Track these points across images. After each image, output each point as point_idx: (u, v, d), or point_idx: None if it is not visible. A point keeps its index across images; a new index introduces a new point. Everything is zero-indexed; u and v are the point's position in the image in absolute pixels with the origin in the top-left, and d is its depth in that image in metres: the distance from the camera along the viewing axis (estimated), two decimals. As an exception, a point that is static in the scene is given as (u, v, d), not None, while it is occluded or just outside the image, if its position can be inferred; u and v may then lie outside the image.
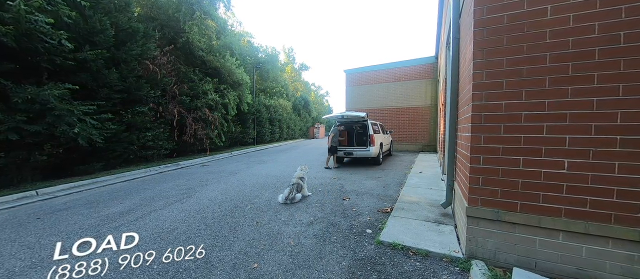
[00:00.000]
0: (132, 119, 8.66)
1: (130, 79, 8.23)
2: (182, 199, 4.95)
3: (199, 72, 13.29)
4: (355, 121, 9.16)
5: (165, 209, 4.31)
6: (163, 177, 7.55)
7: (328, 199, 4.71)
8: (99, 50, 6.93)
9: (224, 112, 13.89)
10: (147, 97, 9.20)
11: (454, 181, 3.57)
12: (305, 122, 36.72)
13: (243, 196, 5.03)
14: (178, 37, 11.80)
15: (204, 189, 5.69)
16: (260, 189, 5.65)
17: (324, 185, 5.93)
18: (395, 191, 5.31)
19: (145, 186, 6.26)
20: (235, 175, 7.45)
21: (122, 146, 8.53)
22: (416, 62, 14.77)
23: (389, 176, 7.08)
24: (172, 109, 9.86)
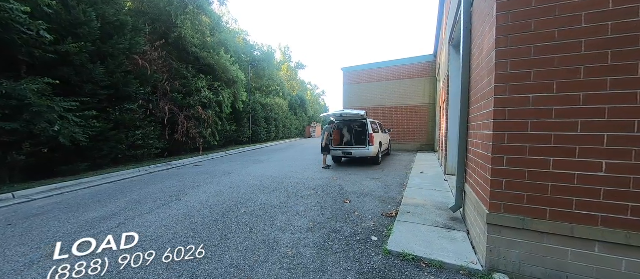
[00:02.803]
0: (120, 117, 8.24)
1: (118, 74, 7.80)
2: (170, 202, 4.61)
3: (193, 69, 12.85)
4: (354, 120, 8.89)
5: (152, 214, 3.96)
6: (153, 178, 7.17)
7: (328, 202, 4.42)
8: (83, 42, 6.50)
9: (218, 111, 13.48)
10: (136, 94, 8.77)
11: (464, 183, 3.31)
12: (302, 121, 36.39)
13: (236, 199, 4.70)
14: (170, 32, 11.36)
15: (195, 192, 5.34)
16: (255, 191, 5.33)
17: (322, 187, 5.63)
18: (397, 192, 5.04)
19: (133, 188, 5.88)
20: (229, 176, 7.10)
21: (109, 145, 8.10)
22: (415, 61, 14.57)
23: (390, 176, 6.82)
24: (163, 107, 9.44)
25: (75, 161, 7.22)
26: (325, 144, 8.12)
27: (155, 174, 7.74)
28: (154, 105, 9.40)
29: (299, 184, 5.94)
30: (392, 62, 15.16)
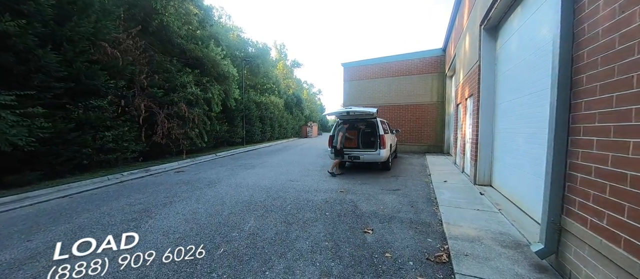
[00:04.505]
0: (85, 115, 6.89)
1: (79, 63, 6.44)
2: (127, 228, 3.35)
3: (178, 63, 11.50)
4: (362, 119, 7.70)
5: (88, 258, 2.69)
6: (121, 189, 5.87)
7: (342, 231, 3.22)
8: (27, 21, 5.16)
9: (207, 109, 12.16)
10: (106, 88, 7.43)
11: (561, 215, 2.15)
12: (298, 121, 35.17)
13: (216, 226, 3.47)
14: (150, 19, 10.00)
15: (163, 212, 4.08)
16: (243, 211, 4.10)
17: (330, 203, 4.43)
18: (430, 213, 3.87)
19: (88, 205, 4.59)
20: (213, 186, 5.85)
21: (71, 149, 6.75)
22: (421, 55, 13.48)
23: (408, 186, 5.66)
24: (138, 104, 8.10)
25: (23, 169, 5.86)
26: (339, 147, 6.87)
27: (126, 184, 6.44)
28: (127, 101, 8.05)
29: (300, 199, 4.73)
30: (397, 57, 14.04)
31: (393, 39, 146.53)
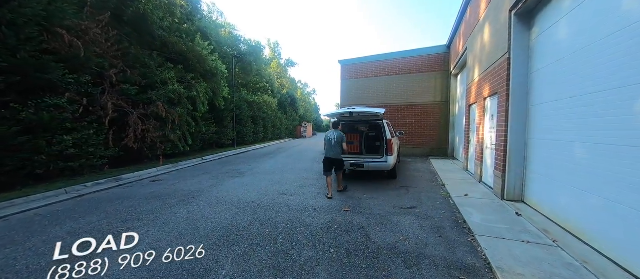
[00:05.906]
0: (36, 116, 5.74)
1: (24, 53, 5.30)
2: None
3: (158, 57, 10.34)
4: (365, 121, 6.75)
5: None
6: (74, 207, 4.76)
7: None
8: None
9: (191, 109, 11.03)
10: (64, 83, 6.28)
11: None
12: (292, 121, 34.13)
13: (180, 273, 2.46)
14: (125, 6, 8.83)
15: (110, 249, 3.03)
16: (220, 244, 3.09)
17: (333, 231, 3.47)
18: (467, 247, 2.95)
19: (17, 235, 3.51)
20: (189, 203, 4.81)
21: (19, 156, 5.60)
22: (423, 52, 12.66)
23: (424, 202, 4.75)
24: (105, 103, 6.94)
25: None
26: (338, 157, 5.23)
27: (85, 199, 5.33)
28: (92, 100, 6.90)
29: (295, 222, 3.75)
30: (398, 54, 13.20)
31: (392, 40, 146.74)
